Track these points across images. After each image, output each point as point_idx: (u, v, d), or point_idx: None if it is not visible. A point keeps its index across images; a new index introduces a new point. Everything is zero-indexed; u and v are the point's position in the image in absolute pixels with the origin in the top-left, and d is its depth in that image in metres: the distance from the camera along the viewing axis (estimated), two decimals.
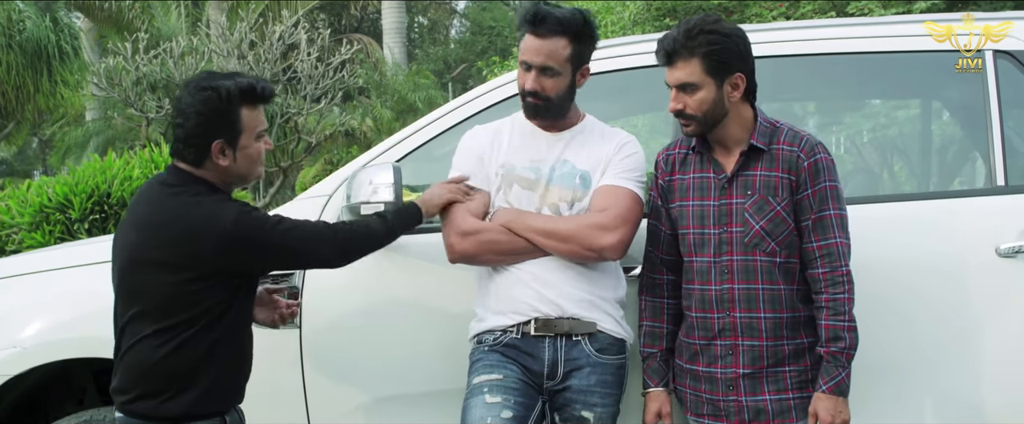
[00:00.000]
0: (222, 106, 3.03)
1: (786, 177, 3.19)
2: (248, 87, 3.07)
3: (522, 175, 3.41)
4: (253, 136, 3.10)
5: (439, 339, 3.67)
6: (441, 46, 34.28)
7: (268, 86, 3.13)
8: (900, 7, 9.23)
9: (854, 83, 4.50)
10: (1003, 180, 3.58)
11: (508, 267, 3.36)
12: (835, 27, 4.20)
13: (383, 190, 3.45)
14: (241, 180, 3.12)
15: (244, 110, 3.07)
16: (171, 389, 3.02)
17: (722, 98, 3.19)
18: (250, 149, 3.10)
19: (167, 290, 2.99)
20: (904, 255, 3.56)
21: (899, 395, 3.52)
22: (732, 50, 3.16)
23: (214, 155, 3.05)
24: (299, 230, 3.12)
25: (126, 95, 13.01)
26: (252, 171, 3.14)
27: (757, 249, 3.19)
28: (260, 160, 3.15)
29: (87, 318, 3.72)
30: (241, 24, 13.46)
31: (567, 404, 3.32)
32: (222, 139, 3.05)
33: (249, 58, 13.18)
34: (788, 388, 3.22)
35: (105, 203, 7.65)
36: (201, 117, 3.03)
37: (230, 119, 3.05)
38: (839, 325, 3.13)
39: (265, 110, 3.12)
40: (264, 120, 3.14)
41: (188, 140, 3.06)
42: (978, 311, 3.48)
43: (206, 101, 3.03)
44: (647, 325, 3.43)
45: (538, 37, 3.30)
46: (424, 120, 3.93)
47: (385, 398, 3.70)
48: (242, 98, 3.06)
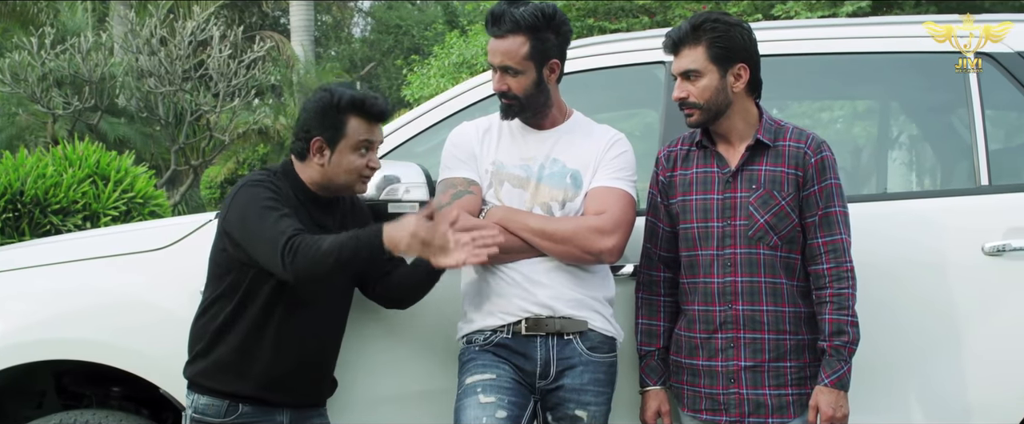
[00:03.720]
0: (330, 108, 3.22)
1: (793, 173, 3.22)
2: (360, 97, 3.24)
3: (513, 173, 3.37)
4: (352, 146, 3.22)
5: (428, 338, 3.61)
6: (346, 45, 34.00)
7: (381, 104, 3.27)
8: (826, 10, 9.36)
9: (820, 83, 4.53)
10: (987, 180, 3.63)
11: (499, 267, 3.31)
12: (802, 28, 4.20)
13: (416, 190, 3.46)
14: (338, 190, 3.29)
15: (352, 119, 3.22)
16: (191, 352, 3.30)
17: (725, 88, 3.22)
18: (345, 158, 3.23)
19: (212, 255, 3.30)
20: (893, 253, 3.60)
21: (886, 393, 3.54)
22: (736, 40, 3.22)
23: (312, 152, 3.23)
24: (268, 230, 3.05)
25: (32, 91, 12.66)
26: (347, 181, 3.26)
27: (761, 243, 3.22)
28: (355, 172, 3.25)
29: (50, 321, 3.66)
30: (150, 20, 13.13)
31: (560, 403, 3.30)
32: (322, 137, 3.21)
33: (160, 55, 12.87)
34: (788, 384, 3.23)
35: (18, 201, 7.46)
36: (310, 113, 3.25)
37: (335, 121, 3.21)
38: (843, 319, 3.17)
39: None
40: (376, 136, 3.28)
41: (297, 132, 3.30)
42: (965, 309, 3.52)
43: (319, 100, 3.24)
44: (644, 323, 3.43)
45: (496, 37, 3.30)
46: (405, 117, 3.86)
47: (377, 398, 3.63)
48: (352, 107, 3.22)
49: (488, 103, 3.73)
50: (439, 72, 16.56)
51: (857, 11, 9.54)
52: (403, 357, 3.64)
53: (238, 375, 3.23)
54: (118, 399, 3.79)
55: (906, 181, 5.84)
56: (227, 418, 3.25)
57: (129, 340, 3.61)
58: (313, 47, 23.80)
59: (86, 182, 7.80)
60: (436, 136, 3.75)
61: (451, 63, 16.27)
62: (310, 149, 3.23)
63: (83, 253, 3.84)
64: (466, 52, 16.11)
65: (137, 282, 3.70)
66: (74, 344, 3.62)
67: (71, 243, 4.13)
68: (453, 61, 16.24)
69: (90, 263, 3.78)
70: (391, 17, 32.85)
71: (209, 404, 3.26)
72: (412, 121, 3.82)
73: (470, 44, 16.39)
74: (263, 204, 3.10)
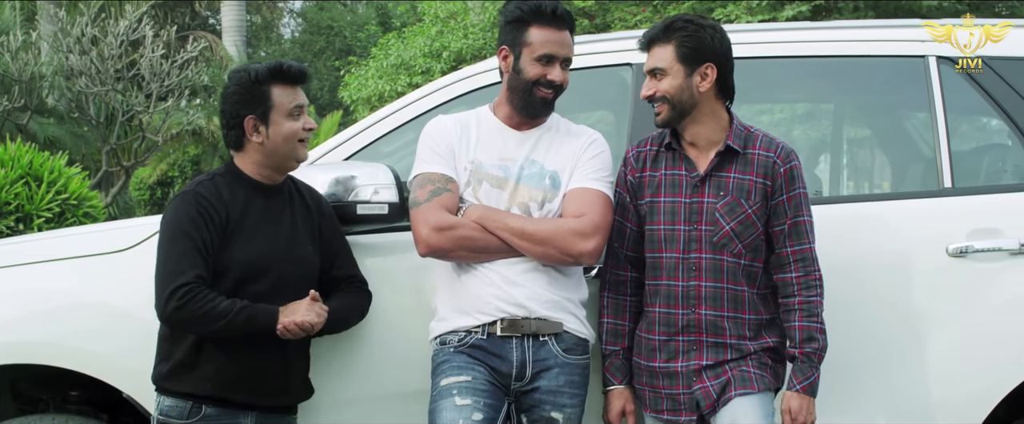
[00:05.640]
0: (251, 84, 3.24)
1: (762, 182, 3.25)
2: (275, 66, 3.26)
3: (491, 173, 3.36)
4: (285, 113, 3.24)
5: (402, 339, 3.58)
6: (276, 46, 33.69)
7: (297, 66, 3.30)
8: (765, 15, 9.45)
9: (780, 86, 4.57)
10: (950, 182, 3.67)
11: (475, 266, 3.30)
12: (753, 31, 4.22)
13: (385, 191, 3.42)
14: (283, 162, 3.29)
15: (275, 87, 3.25)
16: (157, 356, 3.29)
17: (691, 87, 3.25)
18: (282, 126, 3.24)
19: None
20: (858, 255, 3.63)
21: (852, 393, 3.58)
22: (705, 41, 3.25)
23: (248, 133, 3.24)
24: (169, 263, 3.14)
25: None
26: (289, 149, 3.27)
27: (725, 249, 3.25)
28: (294, 137, 3.26)
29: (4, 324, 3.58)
30: (81, 18, 12.87)
31: (536, 405, 3.29)
32: (254, 115, 3.23)
33: (92, 54, 12.62)
34: (749, 366, 3.26)
35: None
36: (233, 98, 3.26)
37: (259, 95, 3.24)
38: (813, 327, 3.23)
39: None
40: (302, 99, 3.30)
41: (227, 122, 3.30)
42: (930, 310, 3.57)
43: (238, 82, 3.26)
44: (610, 322, 3.43)
45: (559, 29, 3.33)
46: (372, 118, 3.82)
47: (347, 400, 3.59)
48: (271, 76, 3.25)
49: (455, 103, 3.73)
50: (377, 73, 16.45)
51: (797, 15, 9.65)
52: (373, 358, 3.60)
53: (197, 375, 3.22)
54: (76, 403, 3.71)
55: (865, 184, 5.92)
56: (190, 419, 3.23)
57: (88, 343, 3.54)
58: (245, 48, 23.55)
59: (19, 183, 7.63)
60: (403, 136, 3.72)
61: (389, 64, 16.18)
62: (246, 132, 3.25)
63: (41, 255, 3.75)
64: (404, 53, 16.02)
65: (96, 284, 3.62)
66: (29, 347, 3.55)
67: (29, 245, 4.03)
68: (391, 62, 16.14)
69: (47, 265, 3.69)
70: (323, 18, 32.63)
71: (173, 406, 3.24)
72: (379, 121, 3.78)
73: (408, 45, 16.31)
74: (182, 228, 3.14)
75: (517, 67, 3.33)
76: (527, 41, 3.31)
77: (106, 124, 13.52)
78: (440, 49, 15.55)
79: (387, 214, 3.45)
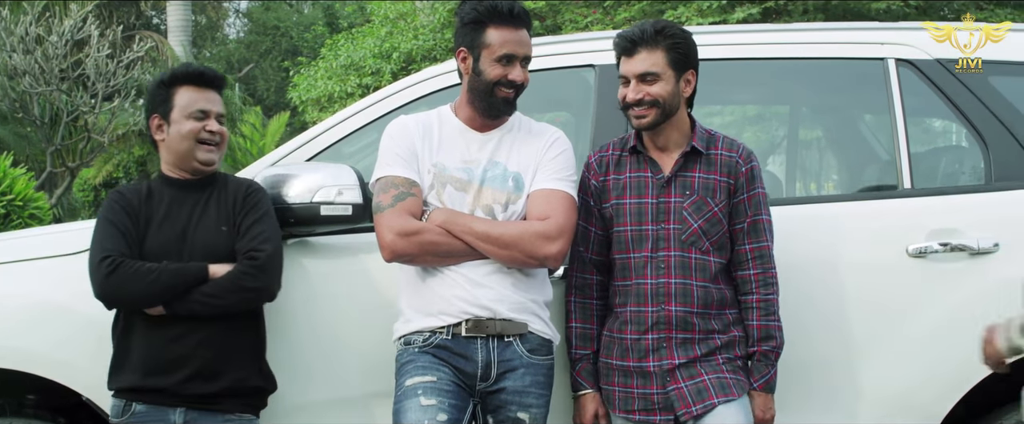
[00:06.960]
0: (160, 86, 3.38)
1: (725, 181, 3.31)
2: (181, 70, 3.40)
3: (455, 176, 3.34)
4: (185, 114, 3.33)
5: (365, 340, 3.56)
6: (222, 46, 33.40)
7: (205, 70, 3.43)
8: (716, 17, 9.52)
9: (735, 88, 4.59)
10: (909, 183, 3.71)
11: (440, 268, 3.28)
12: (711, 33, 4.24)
13: (349, 192, 3.39)
14: (185, 161, 3.34)
15: (180, 89, 3.35)
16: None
17: (678, 92, 3.30)
18: (181, 126, 3.33)
19: None
20: (820, 255, 3.66)
21: (814, 392, 3.60)
22: (692, 48, 3.33)
23: (153, 131, 3.38)
24: (95, 244, 3.25)
25: None
26: (187, 147, 3.33)
27: (693, 247, 3.29)
28: (191, 136, 3.33)
29: None
30: (25, 17, 12.67)
31: (502, 406, 3.29)
32: (158, 114, 3.36)
33: (36, 54, 12.44)
34: (724, 371, 3.28)
35: None
36: (147, 99, 3.41)
37: (164, 96, 3.36)
38: (771, 324, 3.31)
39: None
40: (210, 105, 3.36)
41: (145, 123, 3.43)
42: (891, 309, 3.60)
43: (151, 85, 3.42)
44: (578, 326, 3.43)
45: (517, 29, 3.31)
46: (334, 118, 3.79)
47: (311, 403, 3.56)
48: (175, 79, 3.36)
49: (420, 103, 3.71)
50: (326, 73, 16.32)
51: (747, 18, 9.72)
52: (336, 359, 3.57)
53: (123, 369, 3.27)
54: (33, 407, 3.64)
55: (826, 184, 5.96)
56: (123, 418, 3.26)
57: (43, 346, 3.49)
58: (191, 48, 23.32)
59: None
60: (366, 137, 3.69)
61: (339, 65, 16.06)
62: (152, 131, 3.39)
63: None
64: (354, 54, 15.92)
65: (51, 287, 3.57)
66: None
67: None
68: (341, 63, 16.04)
69: (3, 268, 3.62)
70: (268, 18, 32.40)
71: (114, 405, 3.29)
72: (340, 123, 3.75)
73: (358, 46, 16.20)
74: (106, 217, 3.29)
75: (477, 69, 3.31)
76: (486, 42, 3.29)
77: (50, 124, 13.35)
78: (390, 50, 15.45)
79: (351, 215, 3.42)
